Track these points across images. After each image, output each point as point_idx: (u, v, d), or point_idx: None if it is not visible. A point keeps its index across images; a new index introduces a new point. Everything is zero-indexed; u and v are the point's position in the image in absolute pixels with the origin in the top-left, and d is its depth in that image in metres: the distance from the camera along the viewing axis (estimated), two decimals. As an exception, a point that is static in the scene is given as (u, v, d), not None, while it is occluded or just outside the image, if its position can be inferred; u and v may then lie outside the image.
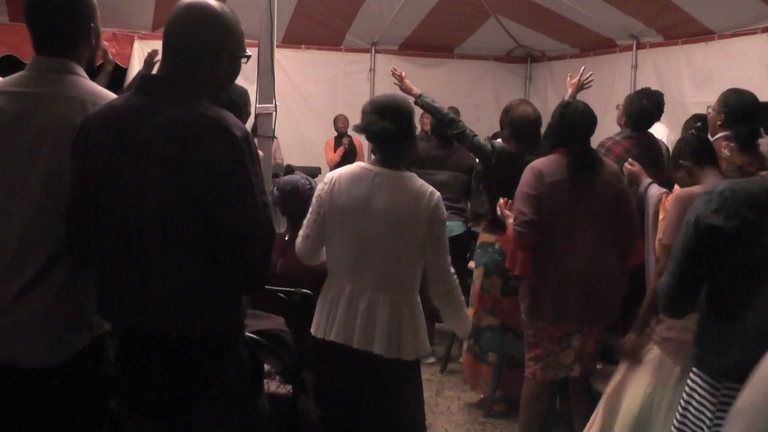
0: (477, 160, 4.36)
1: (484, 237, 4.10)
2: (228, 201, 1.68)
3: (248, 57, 1.85)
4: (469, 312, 4.11)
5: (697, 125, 3.19)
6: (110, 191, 1.74)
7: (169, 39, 1.79)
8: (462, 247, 4.94)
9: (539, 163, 3.31)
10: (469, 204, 5.05)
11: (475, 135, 4.05)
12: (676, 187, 3.30)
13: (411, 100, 4.30)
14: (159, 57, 4.47)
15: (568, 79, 4.42)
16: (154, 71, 3.90)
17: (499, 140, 4.15)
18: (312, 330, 2.61)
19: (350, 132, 7.42)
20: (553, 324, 3.28)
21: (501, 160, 3.85)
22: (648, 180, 3.60)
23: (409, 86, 4.28)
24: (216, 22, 1.77)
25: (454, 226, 4.79)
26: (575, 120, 3.32)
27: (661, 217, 3.35)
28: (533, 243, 3.24)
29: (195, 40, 1.76)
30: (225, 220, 1.69)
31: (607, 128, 5.14)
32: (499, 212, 3.55)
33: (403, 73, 4.35)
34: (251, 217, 1.71)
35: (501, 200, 3.54)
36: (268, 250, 1.77)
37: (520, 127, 3.85)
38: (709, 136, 3.55)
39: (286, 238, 3.10)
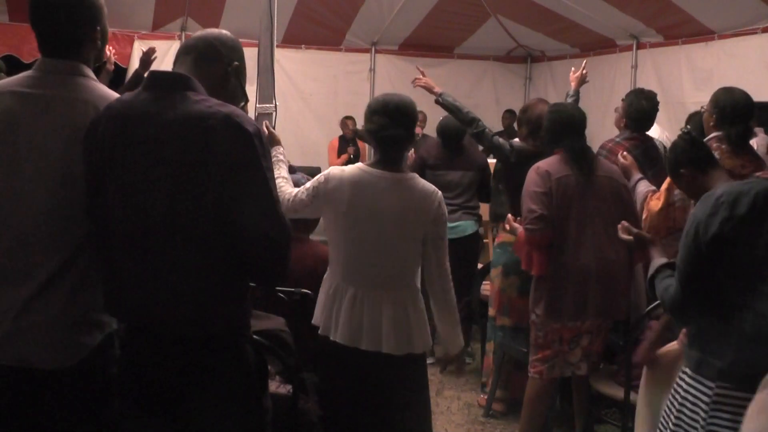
0: (495, 160, 4.36)
1: (504, 236, 4.09)
2: (243, 196, 1.69)
3: (246, 100, 1.99)
4: (491, 312, 4.10)
5: (686, 127, 3.17)
6: (118, 188, 1.74)
7: (188, 48, 1.88)
8: (474, 246, 4.94)
9: (543, 164, 3.33)
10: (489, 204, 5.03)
11: (495, 134, 4.06)
12: (663, 185, 3.29)
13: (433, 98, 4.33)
14: (156, 55, 4.52)
15: (571, 74, 4.42)
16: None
17: (517, 140, 4.15)
18: (315, 322, 2.58)
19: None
20: (573, 320, 3.27)
21: (520, 159, 3.86)
22: (638, 175, 3.60)
23: (431, 85, 4.28)
24: (234, 42, 1.92)
25: (467, 226, 4.77)
26: (568, 115, 3.37)
27: (644, 216, 3.34)
28: (547, 239, 3.22)
29: (216, 48, 1.87)
30: (241, 216, 1.69)
31: (608, 128, 5.15)
32: (507, 228, 3.55)
33: (424, 74, 4.36)
34: (267, 212, 1.72)
35: (509, 216, 3.55)
36: (286, 243, 1.77)
37: (538, 125, 3.85)
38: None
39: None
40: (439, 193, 2.56)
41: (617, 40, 6.84)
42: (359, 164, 2.57)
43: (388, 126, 2.50)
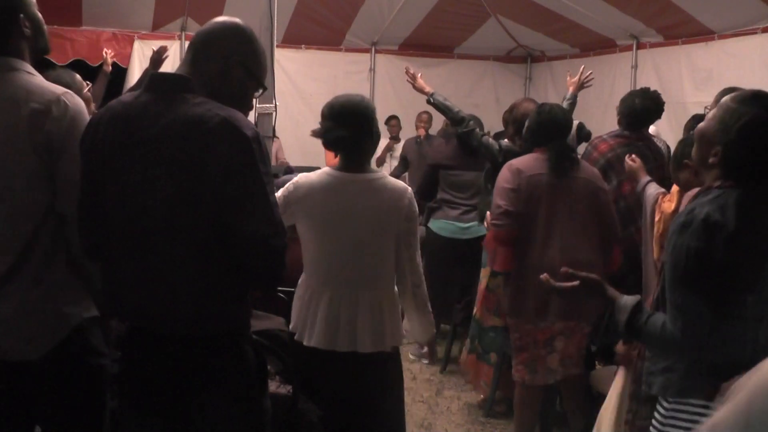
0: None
1: None
2: (240, 201, 1.69)
3: (264, 88, 1.90)
4: (475, 311, 4.11)
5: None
6: (117, 189, 1.74)
7: (190, 45, 1.86)
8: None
9: (517, 161, 3.35)
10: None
11: (484, 134, 4.09)
12: (674, 187, 3.29)
13: (424, 98, 4.36)
14: (168, 54, 4.53)
15: (568, 78, 4.43)
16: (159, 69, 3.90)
17: (506, 140, 4.16)
18: (291, 328, 2.58)
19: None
20: (536, 322, 3.24)
21: (507, 159, 3.86)
22: (646, 178, 3.60)
23: (422, 85, 4.34)
24: (235, 31, 1.86)
25: (480, 228, 4.77)
26: (553, 117, 3.37)
27: (657, 218, 3.34)
28: (512, 235, 3.21)
29: (212, 43, 1.83)
30: (237, 220, 1.69)
31: (608, 128, 5.13)
32: (485, 225, 3.56)
33: (419, 74, 4.42)
34: (264, 216, 1.72)
35: (488, 214, 3.56)
36: (281, 248, 1.77)
37: (523, 124, 3.86)
38: None
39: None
40: (410, 189, 2.57)
41: (617, 40, 6.84)
42: (326, 169, 2.58)
43: (331, 128, 2.51)
